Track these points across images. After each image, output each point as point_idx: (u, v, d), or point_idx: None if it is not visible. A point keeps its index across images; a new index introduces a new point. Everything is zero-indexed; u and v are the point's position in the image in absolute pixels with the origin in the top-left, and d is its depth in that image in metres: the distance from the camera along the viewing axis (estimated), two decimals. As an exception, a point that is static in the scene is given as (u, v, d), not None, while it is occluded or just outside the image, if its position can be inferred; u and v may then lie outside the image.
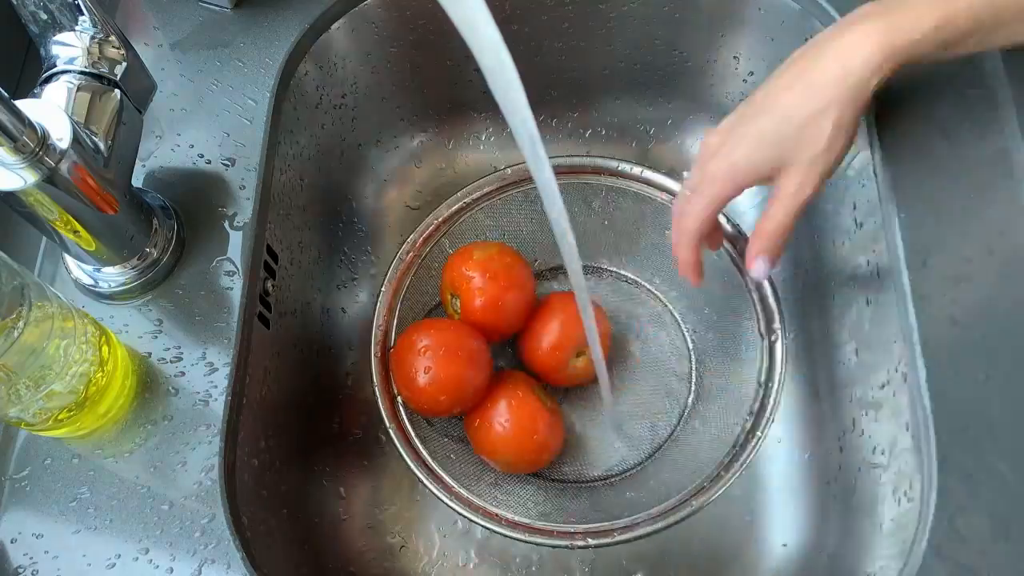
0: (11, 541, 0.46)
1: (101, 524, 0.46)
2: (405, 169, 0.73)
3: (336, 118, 0.67)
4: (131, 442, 0.48)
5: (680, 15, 0.65)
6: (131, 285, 0.51)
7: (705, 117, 0.71)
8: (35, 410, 0.44)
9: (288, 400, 0.58)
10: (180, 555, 0.46)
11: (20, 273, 0.40)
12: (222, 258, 0.52)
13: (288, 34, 0.59)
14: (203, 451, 0.48)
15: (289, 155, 0.60)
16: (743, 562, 0.60)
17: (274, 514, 0.53)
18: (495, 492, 0.60)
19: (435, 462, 0.59)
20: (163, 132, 0.56)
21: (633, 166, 0.67)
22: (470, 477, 0.60)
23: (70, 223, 0.45)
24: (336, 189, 0.69)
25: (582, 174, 0.67)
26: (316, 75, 0.62)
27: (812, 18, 0.58)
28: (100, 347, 0.47)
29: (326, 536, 0.61)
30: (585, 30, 0.66)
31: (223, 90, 0.57)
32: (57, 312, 0.43)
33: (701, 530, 0.61)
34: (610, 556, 0.61)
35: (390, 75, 0.67)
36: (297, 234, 0.61)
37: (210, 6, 0.60)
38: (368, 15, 0.62)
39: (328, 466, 0.63)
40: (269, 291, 0.55)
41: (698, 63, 0.68)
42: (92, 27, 0.46)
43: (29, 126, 0.40)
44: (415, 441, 0.59)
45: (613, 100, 0.72)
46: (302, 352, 0.61)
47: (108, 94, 0.46)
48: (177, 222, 0.53)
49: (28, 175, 0.41)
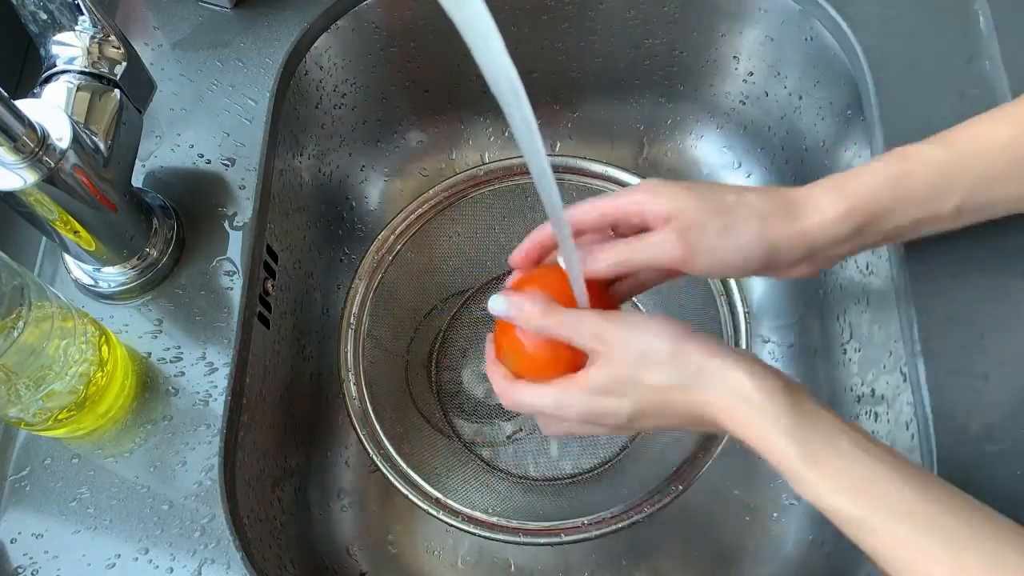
0: (11, 541, 0.46)
1: (101, 524, 0.46)
2: (405, 169, 0.73)
3: (336, 118, 0.67)
4: (131, 442, 0.48)
5: (680, 15, 0.64)
6: (131, 285, 0.51)
7: (705, 117, 0.71)
8: (35, 410, 0.44)
9: (288, 400, 0.58)
10: (180, 555, 0.46)
11: (20, 273, 0.40)
12: (222, 258, 0.52)
13: (288, 34, 0.59)
14: (203, 451, 0.48)
15: (289, 155, 0.60)
16: (743, 562, 0.60)
17: (274, 514, 0.53)
18: (486, 500, 0.60)
19: (417, 472, 0.57)
20: (163, 132, 0.56)
21: (605, 166, 0.65)
22: (463, 486, 0.60)
23: (70, 223, 0.45)
24: (336, 189, 0.69)
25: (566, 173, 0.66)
26: (316, 75, 0.62)
27: (812, 18, 0.58)
28: (100, 347, 0.47)
29: (326, 536, 0.61)
30: (585, 30, 0.66)
31: (223, 90, 0.57)
32: (57, 312, 0.43)
33: (701, 531, 0.61)
34: (610, 556, 0.61)
35: (390, 75, 0.67)
36: (297, 234, 0.61)
37: (210, 6, 0.60)
38: (368, 15, 0.62)
39: (328, 466, 0.63)
40: (269, 291, 0.55)
41: (698, 63, 0.68)
42: (92, 27, 0.46)
43: (29, 126, 0.40)
44: (390, 450, 0.58)
45: (612, 100, 0.72)
46: (302, 352, 0.61)
47: (108, 94, 0.46)
48: (177, 222, 0.53)
49: (28, 175, 0.41)
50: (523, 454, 0.64)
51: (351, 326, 0.60)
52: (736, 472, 0.62)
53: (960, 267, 0.48)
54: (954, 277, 0.48)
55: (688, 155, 0.72)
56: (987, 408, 0.45)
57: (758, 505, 0.61)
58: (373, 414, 0.58)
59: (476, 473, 0.63)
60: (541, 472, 0.64)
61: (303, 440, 0.61)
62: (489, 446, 0.65)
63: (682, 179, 0.71)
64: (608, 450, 0.64)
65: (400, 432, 0.61)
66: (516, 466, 0.64)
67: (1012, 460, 0.45)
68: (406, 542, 0.62)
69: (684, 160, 0.72)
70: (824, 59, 0.59)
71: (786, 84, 0.64)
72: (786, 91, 0.64)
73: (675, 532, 0.62)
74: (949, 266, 0.48)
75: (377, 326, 0.63)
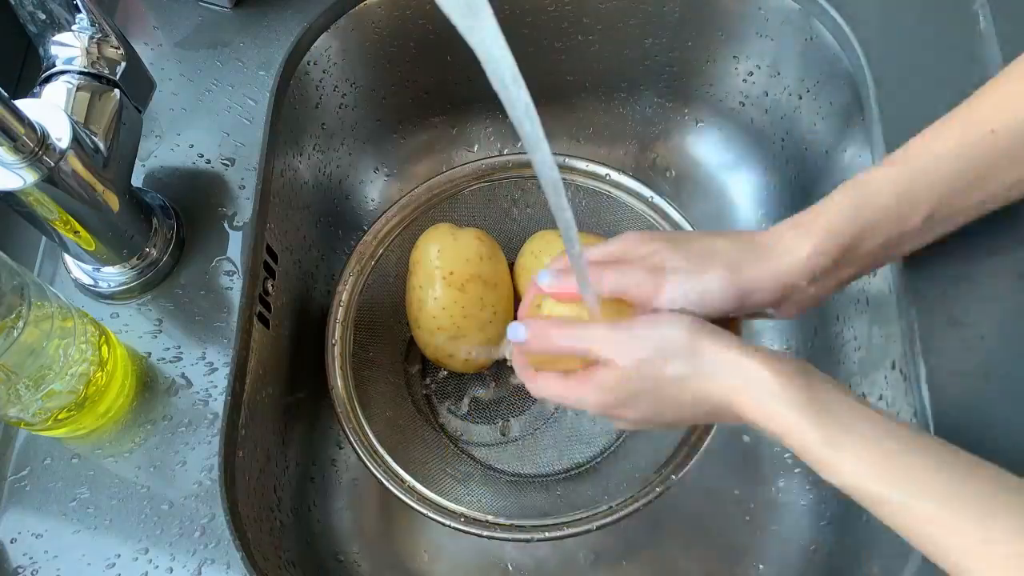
0: (11, 541, 0.46)
1: (101, 524, 0.46)
2: (405, 168, 0.73)
3: (336, 118, 0.67)
4: (131, 442, 0.48)
5: (680, 15, 0.64)
6: (131, 285, 0.51)
7: (704, 117, 0.71)
8: (35, 410, 0.44)
9: (288, 400, 0.58)
10: (180, 555, 0.46)
11: (20, 273, 0.40)
12: (222, 258, 0.52)
13: (288, 34, 0.59)
14: (203, 451, 0.48)
15: (289, 155, 0.60)
16: (743, 562, 0.60)
17: (274, 514, 0.53)
18: (483, 499, 0.60)
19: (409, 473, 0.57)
20: (163, 132, 0.56)
21: (607, 168, 0.65)
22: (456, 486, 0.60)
23: (70, 223, 0.45)
24: (336, 189, 0.69)
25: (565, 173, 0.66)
26: (316, 75, 0.62)
27: (812, 18, 0.58)
28: (100, 347, 0.47)
29: (325, 536, 0.61)
30: (584, 30, 0.66)
31: (223, 90, 0.57)
32: (57, 312, 0.43)
33: (701, 530, 0.61)
34: (610, 556, 0.61)
35: (390, 75, 0.67)
36: (297, 234, 0.61)
37: (210, 6, 0.60)
38: (368, 15, 0.62)
39: (328, 466, 0.63)
40: (269, 291, 0.55)
41: (697, 63, 0.68)
42: (91, 27, 0.46)
43: (29, 126, 0.40)
44: (383, 454, 0.58)
45: (612, 101, 0.72)
46: (302, 352, 0.61)
47: (107, 94, 0.46)
48: (177, 222, 0.53)
49: (28, 175, 0.41)
50: (520, 453, 0.64)
51: (344, 325, 0.61)
52: (736, 472, 0.62)
53: (960, 267, 0.48)
54: (954, 277, 0.48)
55: (688, 155, 0.72)
56: (987, 408, 0.45)
57: (758, 505, 0.61)
58: (364, 418, 0.58)
59: (471, 473, 0.63)
60: (536, 469, 0.64)
61: (303, 440, 0.61)
62: (484, 446, 0.65)
63: (680, 183, 0.71)
64: (602, 443, 0.64)
65: (396, 433, 0.61)
66: (511, 465, 0.64)
67: (1012, 460, 0.45)
68: (405, 542, 0.62)
69: (684, 161, 0.72)
70: (824, 59, 0.59)
71: (786, 84, 0.64)
72: (786, 91, 0.64)
73: (675, 532, 0.62)
74: (949, 266, 0.48)
75: (372, 326, 0.63)
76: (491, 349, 0.62)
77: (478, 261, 0.60)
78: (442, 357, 0.62)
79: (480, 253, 0.60)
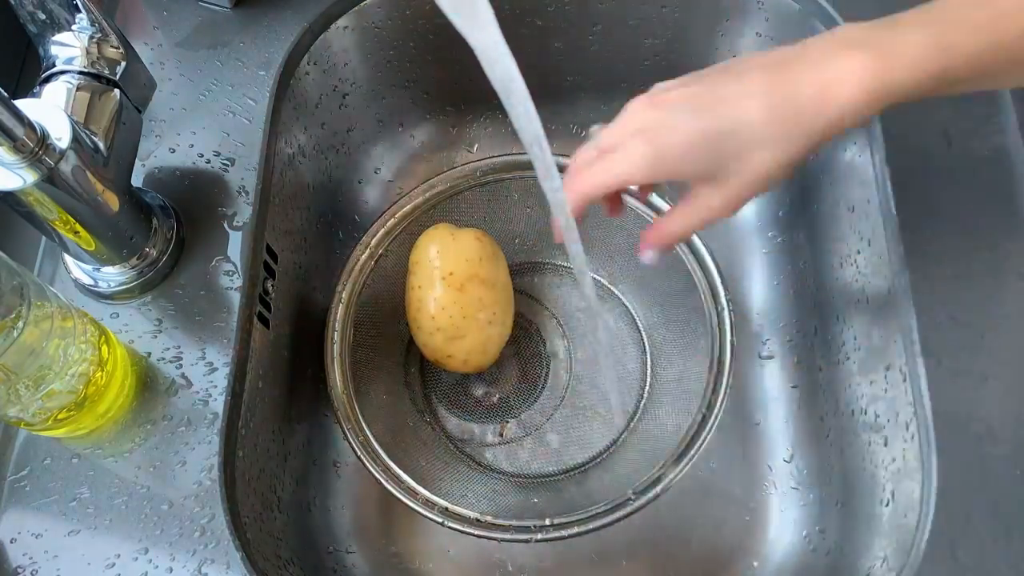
0: (11, 541, 0.46)
1: (101, 524, 0.46)
2: (406, 169, 0.73)
3: (336, 118, 0.67)
4: (131, 442, 0.48)
5: (679, 15, 0.64)
6: (131, 285, 0.51)
7: (705, 117, 0.71)
8: (34, 410, 0.44)
9: (288, 400, 0.58)
10: (180, 555, 0.46)
11: (20, 273, 0.40)
12: (222, 258, 0.52)
13: (288, 34, 0.59)
14: (203, 451, 0.48)
15: (289, 155, 0.60)
16: (743, 562, 0.60)
17: (274, 514, 0.53)
18: (482, 500, 0.60)
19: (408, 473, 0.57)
20: (163, 132, 0.56)
21: None
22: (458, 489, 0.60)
23: (70, 223, 0.45)
24: (336, 189, 0.69)
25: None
26: (316, 75, 0.62)
27: (812, 18, 0.58)
28: (100, 347, 0.47)
29: (325, 536, 0.61)
30: (584, 30, 0.66)
31: (223, 90, 0.57)
32: (56, 312, 0.43)
33: (700, 530, 0.61)
34: (610, 556, 0.61)
35: (390, 75, 0.67)
36: (297, 234, 0.61)
37: (210, 6, 0.60)
38: (368, 15, 0.62)
39: (328, 466, 0.63)
40: (269, 291, 0.55)
41: (698, 63, 0.67)
42: (91, 27, 0.46)
43: (28, 126, 0.40)
44: (379, 451, 0.58)
45: (612, 100, 0.72)
46: (301, 352, 0.61)
47: (107, 94, 0.46)
48: (177, 222, 0.53)
49: (28, 175, 0.41)
50: (519, 453, 0.64)
51: (344, 325, 0.61)
52: (736, 472, 0.62)
53: (960, 267, 0.48)
54: (954, 277, 0.48)
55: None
56: (987, 408, 0.46)
57: (758, 505, 0.61)
58: (363, 418, 0.58)
59: (471, 473, 0.63)
60: (536, 470, 0.64)
61: (303, 440, 0.61)
62: (484, 446, 0.65)
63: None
64: (602, 443, 0.64)
65: (395, 434, 0.61)
66: (510, 465, 0.64)
67: (1012, 460, 0.45)
68: (405, 542, 0.62)
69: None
70: (824, 59, 0.59)
71: (786, 84, 0.64)
72: (786, 91, 0.64)
73: (675, 531, 0.62)
74: (949, 266, 0.48)
75: (371, 326, 0.63)
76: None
77: (477, 261, 0.60)
78: (441, 357, 0.62)
79: (480, 253, 0.60)
